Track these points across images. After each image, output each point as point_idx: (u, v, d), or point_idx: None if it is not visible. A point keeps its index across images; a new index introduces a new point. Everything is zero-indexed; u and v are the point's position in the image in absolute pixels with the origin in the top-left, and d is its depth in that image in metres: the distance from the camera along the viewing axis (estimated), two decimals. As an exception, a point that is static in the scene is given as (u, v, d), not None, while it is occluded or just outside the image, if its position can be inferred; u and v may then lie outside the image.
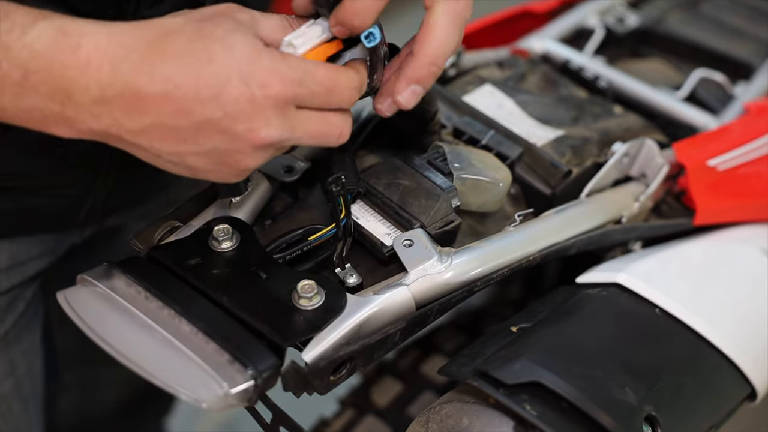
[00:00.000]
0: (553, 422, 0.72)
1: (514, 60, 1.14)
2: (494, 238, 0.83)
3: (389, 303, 0.74)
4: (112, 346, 0.69)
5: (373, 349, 0.74)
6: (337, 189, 0.76)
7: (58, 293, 0.74)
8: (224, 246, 0.75)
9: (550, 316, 0.84)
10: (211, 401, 0.66)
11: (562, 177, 0.92)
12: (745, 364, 0.90)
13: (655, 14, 1.38)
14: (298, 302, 0.72)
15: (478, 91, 1.03)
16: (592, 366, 0.77)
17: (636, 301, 0.87)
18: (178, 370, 0.68)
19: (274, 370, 0.69)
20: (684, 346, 0.87)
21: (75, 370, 1.31)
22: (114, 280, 0.73)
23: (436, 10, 0.71)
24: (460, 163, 0.86)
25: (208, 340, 0.69)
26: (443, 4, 0.71)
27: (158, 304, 0.72)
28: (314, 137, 0.69)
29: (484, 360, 0.76)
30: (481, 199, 0.86)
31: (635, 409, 0.75)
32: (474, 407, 0.76)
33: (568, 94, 1.11)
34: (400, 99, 0.72)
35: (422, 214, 0.81)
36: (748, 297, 0.96)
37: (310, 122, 0.68)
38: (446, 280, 0.77)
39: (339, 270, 0.78)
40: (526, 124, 0.99)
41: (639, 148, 0.98)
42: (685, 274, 0.95)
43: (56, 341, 1.19)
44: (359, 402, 1.25)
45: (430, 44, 0.71)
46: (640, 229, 0.98)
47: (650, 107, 1.15)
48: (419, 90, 0.73)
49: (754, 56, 1.31)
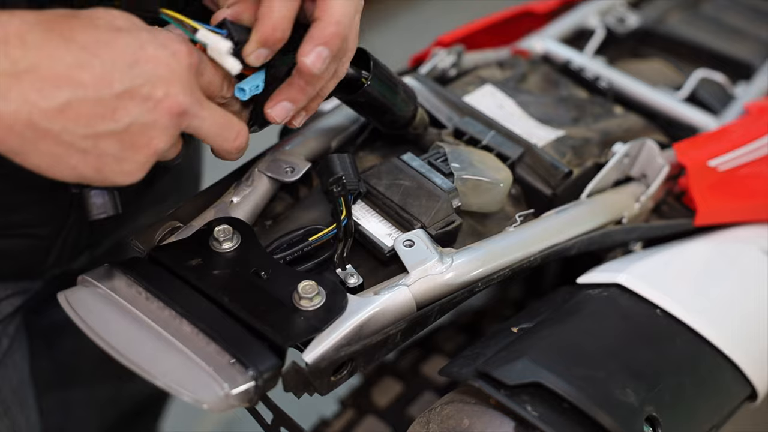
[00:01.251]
0: (554, 423, 0.71)
1: (515, 60, 1.14)
2: (495, 238, 0.83)
3: (390, 303, 0.74)
4: (113, 347, 0.69)
5: (374, 350, 0.74)
6: (338, 189, 0.76)
7: (59, 294, 0.73)
8: (225, 246, 0.75)
9: (551, 317, 0.84)
10: (212, 402, 0.66)
11: (562, 177, 0.92)
12: (746, 364, 0.90)
13: (655, 14, 1.38)
14: (299, 303, 0.72)
15: (478, 91, 1.03)
16: (593, 367, 0.77)
17: (637, 302, 0.87)
18: (179, 371, 0.68)
19: (275, 371, 0.68)
20: (685, 347, 0.87)
21: (53, 394, 1.28)
22: (115, 281, 0.73)
23: None
24: (461, 164, 0.86)
25: (209, 341, 0.69)
26: None
27: (159, 304, 0.72)
28: (215, 125, 0.70)
29: (485, 361, 0.76)
30: (482, 200, 0.86)
31: (636, 410, 0.75)
32: (475, 408, 0.76)
33: (568, 94, 1.11)
34: (306, 61, 0.71)
35: (423, 215, 0.81)
36: (749, 297, 0.96)
37: (214, 109, 0.69)
38: (447, 281, 0.77)
39: (340, 270, 0.78)
40: (526, 124, 0.99)
41: (640, 149, 0.98)
42: (686, 274, 0.95)
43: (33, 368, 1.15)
44: (360, 402, 1.25)
45: (333, 5, 0.71)
46: (640, 229, 0.98)
47: (651, 108, 1.15)
48: (326, 53, 0.72)
49: (755, 56, 1.31)
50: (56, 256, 0.94)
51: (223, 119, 0.70)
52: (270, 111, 0.75)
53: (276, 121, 0.75)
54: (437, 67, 1.06)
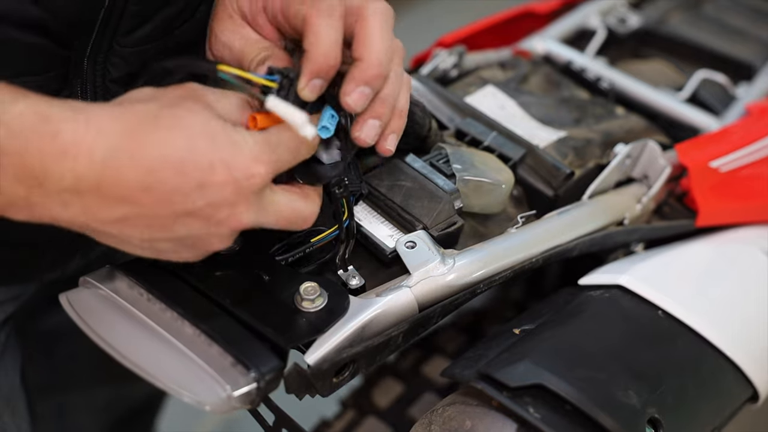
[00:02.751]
0: (556, 425, 0.71)
1: (516, 61, 1.14)
2: (497, 239, 0.83)
3: (392, 305, 0.74)
4: (115, 349, 0.69)
5: (376, 351, 0.73)
6: (340, 191, 0.76)
7: (61, 295, 0.73)
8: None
9: (553, 318, 0.84)
10: (214, 403, 0.66)
11: (564, 178, 0.92)
12: (748, 365, 0.89)
13: (656, 15, 1.38)
14: (301, 304, 0.72)
15: (480, 92, 1.03)
16: (595, 368, 0.77)
17: (638, 303, 0.87)
18: (180, 373, 0.68)
19: (277, 373, 0.68)
20: (686, 348, 0.87)
21: (48, 400, 1.28)
22: (116, 283, 0.73)
23: (366, 14, 0.71)
24: (463, 165, 0.86)
25: (211, 343, 0.69)
26: (371, 5, 0.71)
27: (161, 306, 0.72)
28: (282, 220, 0.68)
29: (487, 362, 0.76)
30: (484, 201, 0.86)
31: (638, 412, 0.75)
32: (477, 410, 0.76)
33: (570, 95, 1.11)
34: (349, 101, 0.71)
35: (425, 216, 0.81)
36: (751, 299, 0.96)
37: (279, 206, 0.68)
38: (449, 282, 0.77)
39: (342, 272, 0.78)
40: (528, 125, 0.99)
41: (641, 150, 0.98)
42: (688, 275, 0.95)
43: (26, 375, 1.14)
44: (361, 403, 1.25)
45: (373, 46, 0.70)
46: (642, 230, 0.98)
47: (652, 108, 1.15)
48: (368, 92, 0.71)
49: (756, 57, 1.31)
50: (50, 261, 0.94)
51: (290, 213, 0.69)
52: (359, 134, 0.73)
53: (367, 143, 0.74)
54: (438, 67, 1.06)
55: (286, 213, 0.68)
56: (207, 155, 0.62)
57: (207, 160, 0.62)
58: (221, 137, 0.63)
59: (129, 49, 0.79)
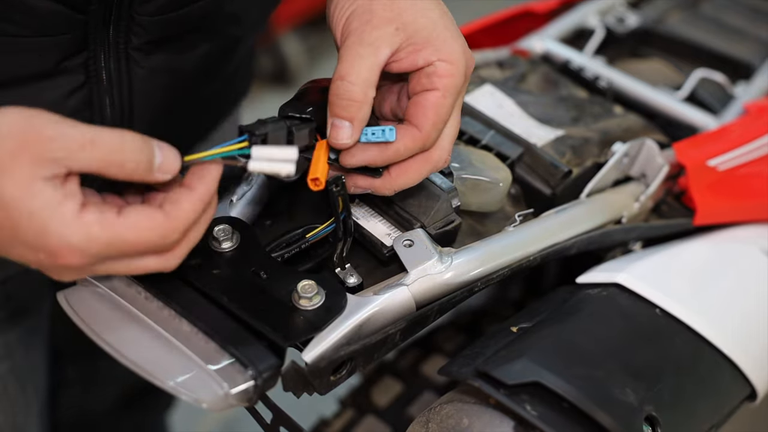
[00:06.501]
0: (553, 422, 0.72)
1: (515, 60, 1.14)
2: (494, 238, 0.83)
3: (389, 303, 0.74)
4: (112, 346, 0.69)
5: (374, 349, 0.74)
6: (338, 189, 0.76)
7: (58, 293, 0.74)
8: (224, 246, 0.75)
9: (551, 317, 0.84)
10: (212, 401, 0.66)
11: (562, 177, 0.92)
12: (746, 364, 0.90)
13: (655, 14, 1.38)
14: (299, 302, 0.72)
15: (478, 91, 1.03)
16: (592, 366, 0.77)
17: (636, 301, 0.87)
18: (178, 371, 0.68)
19: (275, 371, 0.69)
20: (684, 346, 0.87)
21: (76, 365, 1.32)
22: (114, 280, 0.73)
23: (436, 91, 0.72)
24: (461, 163, 0.86)
25: (209, 341, 0.69)
26: (445, 80, 0.72)
27: (158, 304, 0.72)
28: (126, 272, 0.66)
29: (485, 360, 0.76)
30: (482, 199, 0.86)
31: (635, 410, 0.75)
32: (474, 407, 0.76)
33: (568, 94, 1.11)
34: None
35: (422, 215, 0.81)
36: (748, 297, 0.96)
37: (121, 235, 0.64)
38: (446, 281, 0.77)
39: (339, 270, 0.78)
40: (526, 124, 0.99)
41: (639, 149, 0.98)
42: (685, 274, 0.95)
43: (58, 337, 1.20)
44: (359, 402, 1.25)
45: (434, 133, 0.73)
46: (640, 229, 0.98)
47: (650, 107, 1.15)
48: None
49: (754, 56, 1.31)
50: None
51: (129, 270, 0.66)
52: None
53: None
54: (437, 66, 1.05)
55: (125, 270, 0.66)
56: (25, 229, 0.60)
57: (26, 231, 0.60)
58: (40, 221, 0.61)
59: (147, 18, 0.80)
